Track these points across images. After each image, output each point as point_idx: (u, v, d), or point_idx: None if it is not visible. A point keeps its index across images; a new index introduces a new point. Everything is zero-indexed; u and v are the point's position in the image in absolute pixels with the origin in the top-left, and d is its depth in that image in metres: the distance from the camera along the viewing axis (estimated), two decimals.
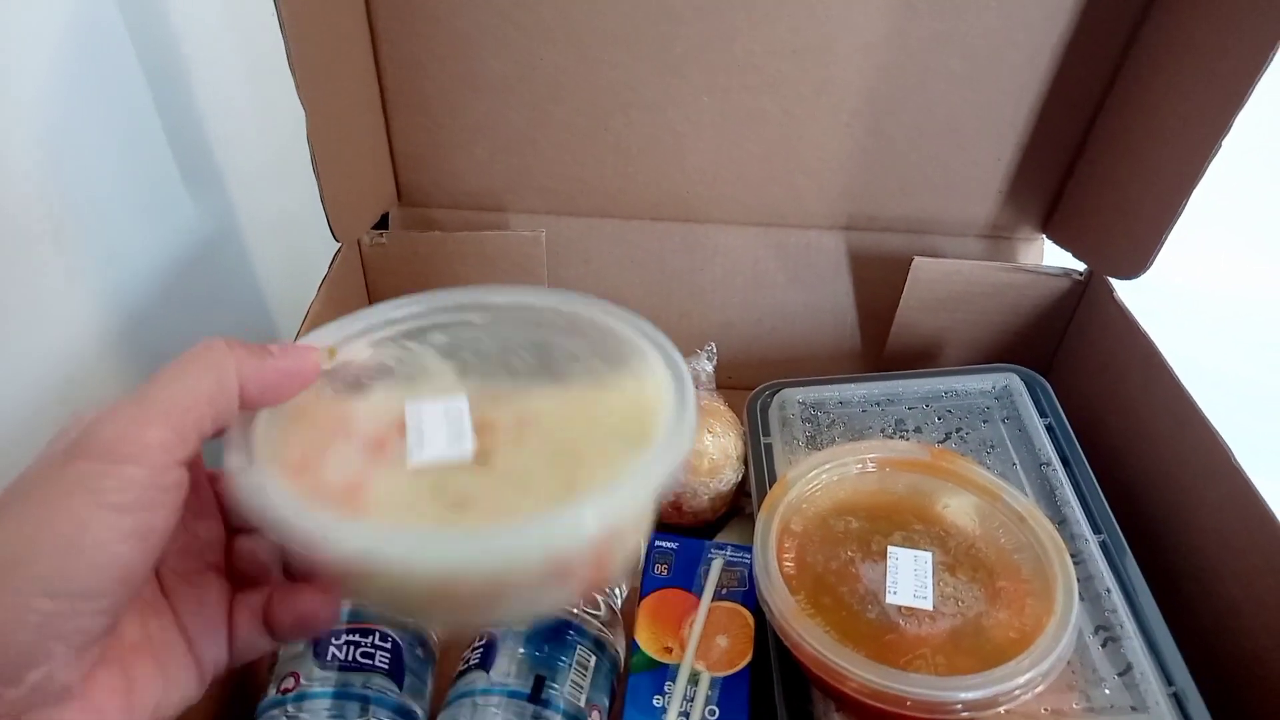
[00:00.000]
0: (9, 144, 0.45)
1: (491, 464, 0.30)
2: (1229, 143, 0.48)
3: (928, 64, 0.57)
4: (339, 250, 0.57)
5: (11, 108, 0.45)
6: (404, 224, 0.65)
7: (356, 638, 0.41)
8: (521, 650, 0.42)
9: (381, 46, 0.58)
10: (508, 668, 0.41)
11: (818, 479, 0.46)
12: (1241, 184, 0.68)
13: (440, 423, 0.30)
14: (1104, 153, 0.58)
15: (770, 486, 0.50)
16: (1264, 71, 0.46)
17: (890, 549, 0.43)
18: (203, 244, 0.63)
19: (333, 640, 0.41)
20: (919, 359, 0.66)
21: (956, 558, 0.43)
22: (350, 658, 0.40)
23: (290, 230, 0.73)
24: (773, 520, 0.44)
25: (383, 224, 0.64)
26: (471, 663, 0.42)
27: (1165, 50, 0.53)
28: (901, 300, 0.62)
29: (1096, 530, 0.47)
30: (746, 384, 0.64)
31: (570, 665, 0.42)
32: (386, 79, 0.59)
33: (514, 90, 0.59)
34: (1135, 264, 0.55)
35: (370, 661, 0.41)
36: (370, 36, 0.57)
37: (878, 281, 0.65)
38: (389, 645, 0.41)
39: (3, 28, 0.44)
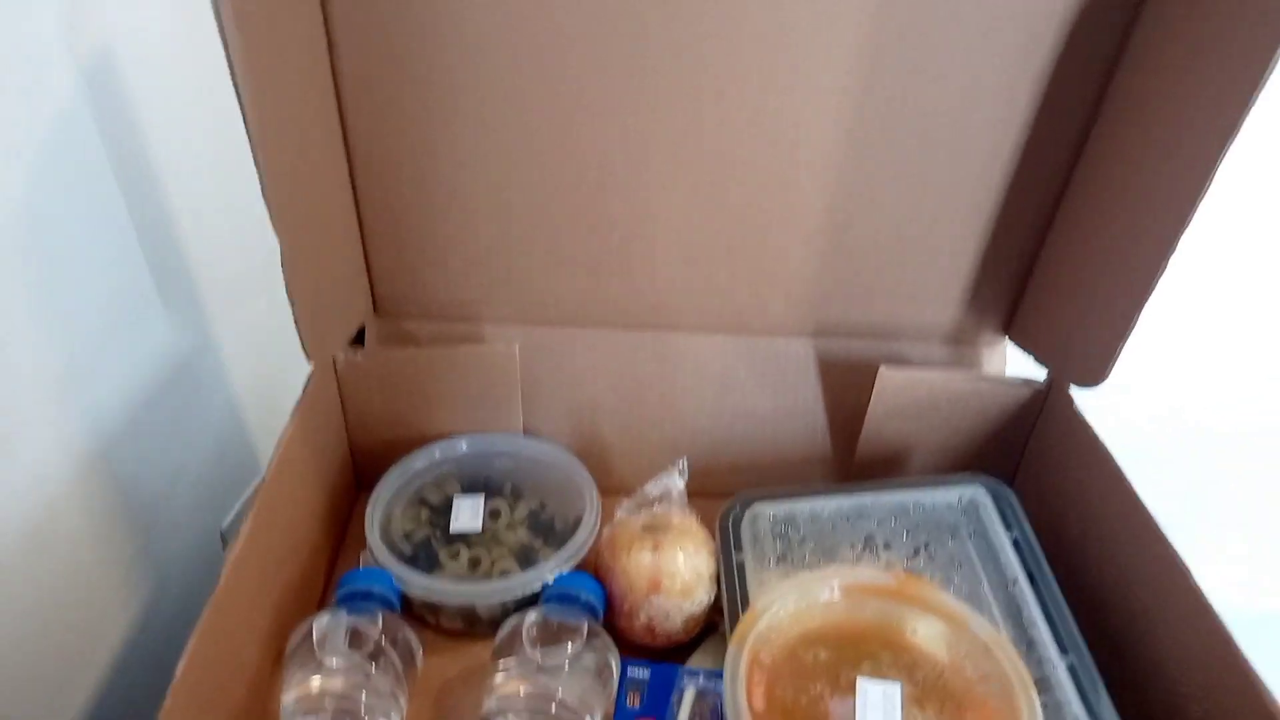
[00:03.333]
0: None
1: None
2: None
3: (883, 175, 0.58)
4: (312, 372, 0.57)
5: None
6: (380, 335, 0.66)
7: None
8: None
9: (358, 169, 0.59)
10: None
11: (786, 607, 0.47)
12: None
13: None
14: (1059, 260, 0.60)
15: (742, 606, 0.51)
16: (1207, 187, 0.48)
17: (859, 682, 0.43)
18: (178, 362, 0.64)
19: None
20: (890, 464, 0.66)
21: (925, 689, 0.44)
22: None
23: (266, 337, 0.74)
24: (742, 653, 0.44)
25: (359, 337, 0.65)
26: None
27: (1114, 160, 0.55)
28: (869, 409, 0.63)
29: (1064, 651, 0.48)
30: (720, 490, 0.64)
31: None
32: (362, 199, 0.60)
33: (485, 208, 0.61)
34: (1095, 371, 0.57)
35: None
36: (346, 160, 0.58)
37: (847, 386, 0.67)
38: None
39: None
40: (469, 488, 0.63)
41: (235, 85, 0.43)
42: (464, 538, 0.60)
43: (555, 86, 0.55)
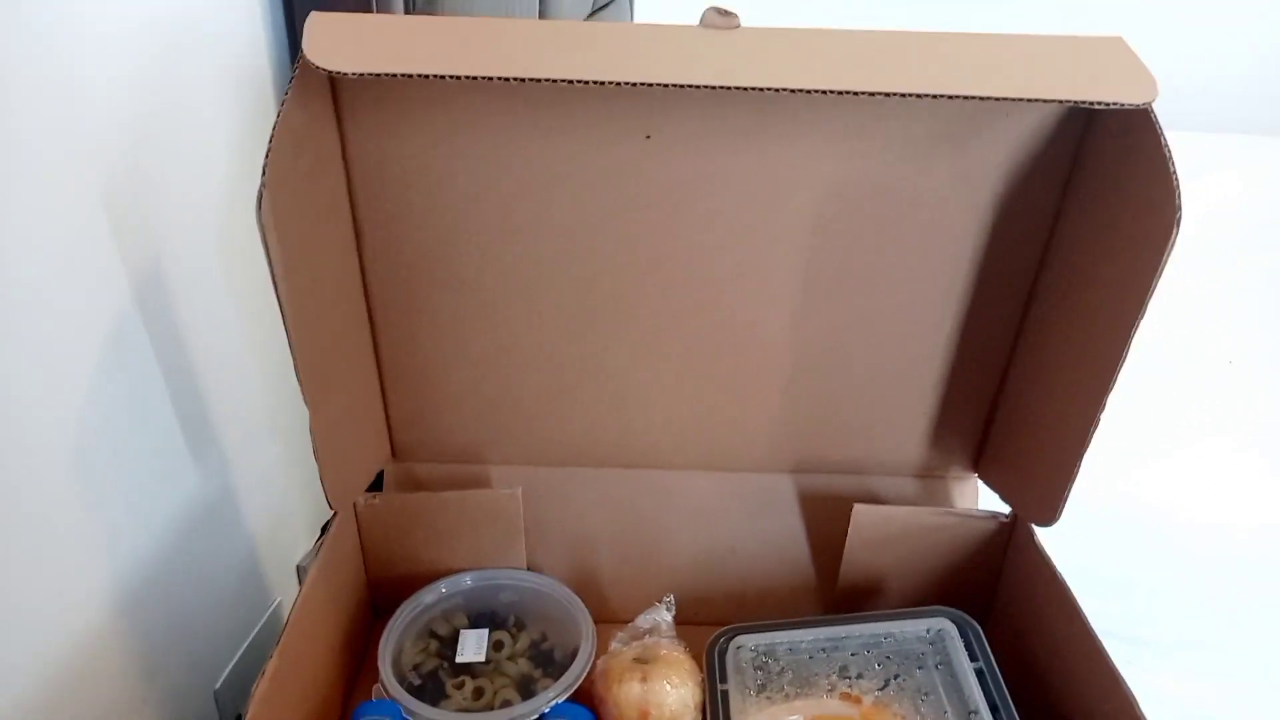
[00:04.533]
0: (46, 436, 0.53)
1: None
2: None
3: (842, 328, 0.64)
4: (334, 517, 0.63)
5: (50, 400, 0.53)
6: (396, 478, 0.72)
7: None
8: None
9: (380, 332, 0.66)
10: None
11: None
12: None
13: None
14: (1014, 410, 0.66)
15: None
16: (1127, 350, 0.53)
17: None
18: (204, 506, 0.70)
19: None
20: (869, 593, 0.71)
21: None
22: None
23: (281, 475, 0.81)
24: None
25: (377, 480, 0.72)
26: None
27: (1053, 323, 0.61)
28: (846, 543, 0.68)
29: None
30: (712, 619, 0.69)
31: None
32: (383, 357, 0.68)
33: (494, 363, 0.68)
34: (1048, 512, 0.61)
35: None
36: (370, 325, 0.66)
37: (827, 519, 0.71)
38: None
39: (50, 336, 0.53)
40: (475, 619, 0.68)
41: (274, 280, 0.50)
42: (469, 668, 0.64)
43: (554, 264, 0.62)
